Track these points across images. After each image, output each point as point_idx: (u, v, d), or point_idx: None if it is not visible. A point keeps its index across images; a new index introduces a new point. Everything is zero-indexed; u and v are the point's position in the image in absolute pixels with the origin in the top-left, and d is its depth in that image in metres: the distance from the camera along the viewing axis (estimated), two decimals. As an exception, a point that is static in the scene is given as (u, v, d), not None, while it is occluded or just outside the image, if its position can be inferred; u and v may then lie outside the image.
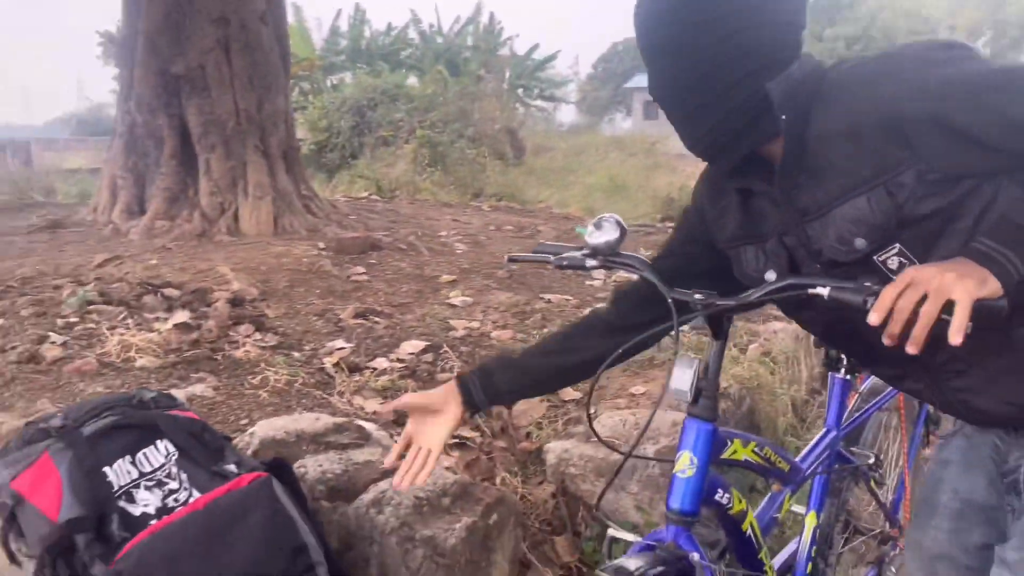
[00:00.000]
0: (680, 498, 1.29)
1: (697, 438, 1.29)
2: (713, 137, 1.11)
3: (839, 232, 1.09)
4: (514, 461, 2.67)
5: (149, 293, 3.55)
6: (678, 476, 1.30)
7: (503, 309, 3.98)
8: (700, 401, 1.29)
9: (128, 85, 5.33)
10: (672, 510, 1.29)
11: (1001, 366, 1.11)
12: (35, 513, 1.54)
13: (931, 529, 1.38)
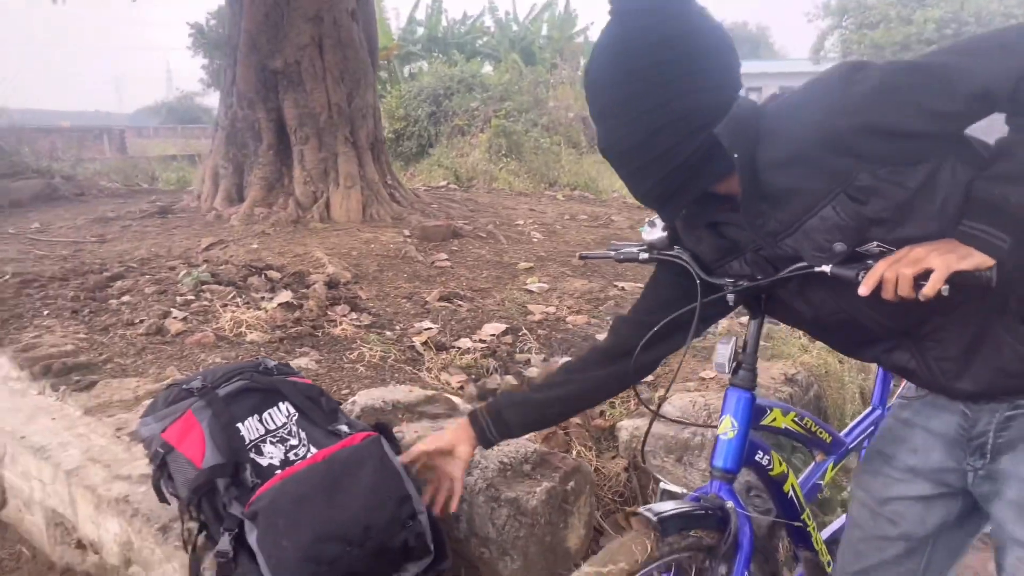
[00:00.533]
0: (722, 457, 1.44)
1: (737, 404, 1.45)
2: (658, 191, 1.25)
3: (815, 242, 1.21)
4: (588, 437, 2.85)
5: (254, 275, 3.87)
6: (720, 438, 1.46)
7: (578, 295, 4.15)
8: (739, 373, 1.46)
9: (230, 81, 5.70)
10: (715, 467, 1.44)
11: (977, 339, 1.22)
12: (183, 460, 1.81)
13: (883, 476, 1.48)
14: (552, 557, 2.15)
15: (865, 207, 1.14)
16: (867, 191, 1.13)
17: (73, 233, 5.15)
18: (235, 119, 5.69)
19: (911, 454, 1.44)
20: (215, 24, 38.52)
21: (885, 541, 1.49)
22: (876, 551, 1.50)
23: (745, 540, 1.41)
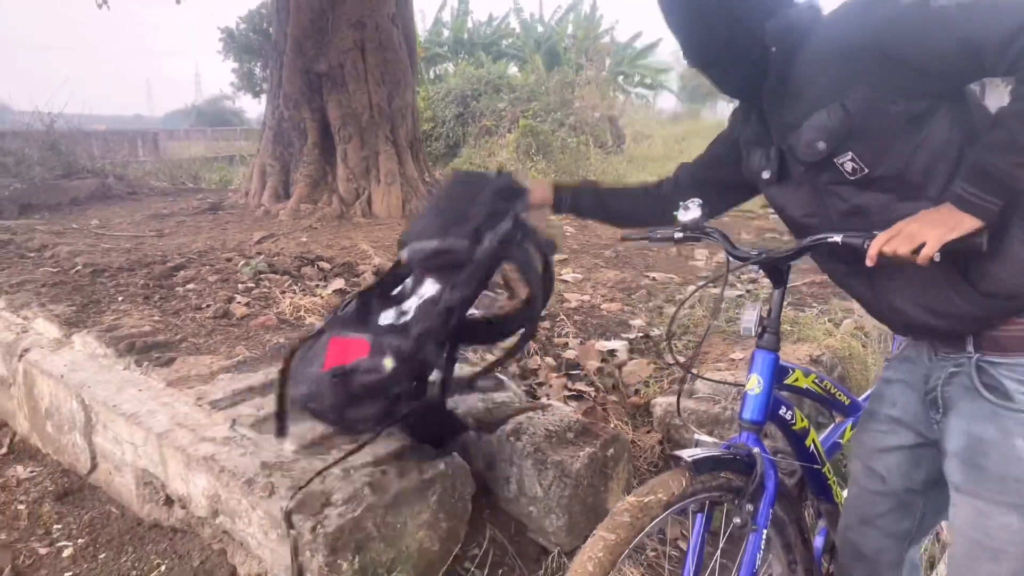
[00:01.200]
0: (750, 410, 1.61)
1: (763, 364, 1.61)
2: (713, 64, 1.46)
3: (807, 139, 1.37)
4: (624, 413, 3.05)
5: (306, 265, 4.12)
6: (748, 394, 1.62)
7: (611, 285, 4.35)
8: (764, 336, 1.62)
9: (276, 83, 5.98)
10: (744, 419, 1.62)
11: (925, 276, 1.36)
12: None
13: (871, 431, 1.67)
14: (593, 517, 2.32)
15: (852, 119, 1.31)
16: (857, 104, 1.30)
17: (132, 228, 5.45)
18: (281, 119, 5.96)
19: (892, 407, 1.63)
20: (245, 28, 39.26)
21: (877, 496, 1.66)
22: (870, 505, 1.68)
23: (770, 483, 1.57)
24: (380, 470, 2.14)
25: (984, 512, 1.40)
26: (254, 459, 2.21)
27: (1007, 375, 1.37)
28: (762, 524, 1.55)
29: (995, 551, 1.40)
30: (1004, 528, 1.38)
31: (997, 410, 1.38)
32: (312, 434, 2.32)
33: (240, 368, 2.86)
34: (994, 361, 1.39)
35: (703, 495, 1.55)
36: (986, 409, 1.39)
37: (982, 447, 1.39)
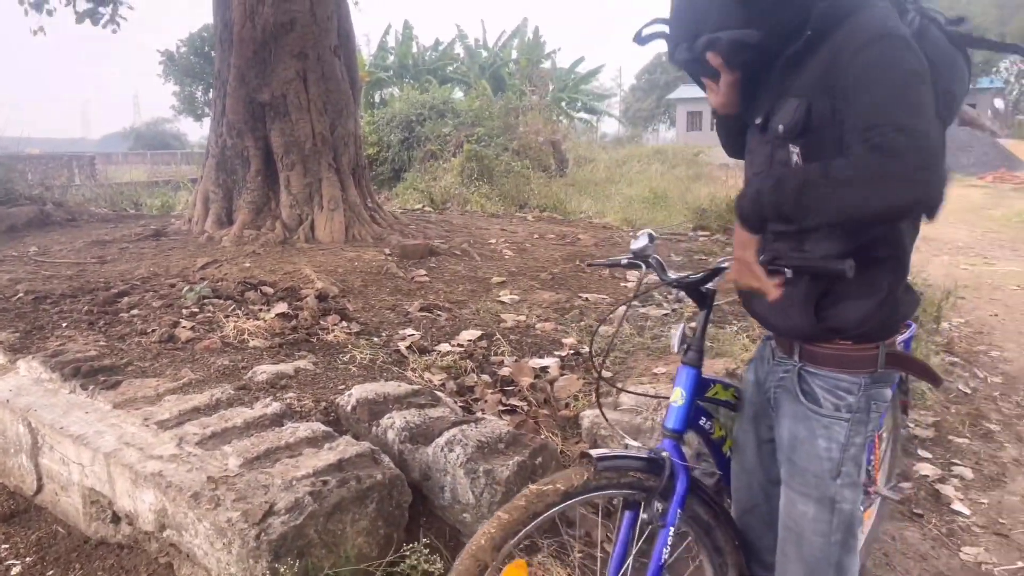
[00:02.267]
0: (671, 420, 1.80)
1: (685, 378, 1.80)
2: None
3: (781, 117, 1.50)
4: (555, 425, 3.24)
5: (250, 290, 4.23)
6: (672, 405, 1.81)
7: (546, 305, 4.56)
8: (689, 353, 1.81)
9: (220, 112, 6.08)
10: (665, 428, 1.81)
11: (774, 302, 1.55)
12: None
13: (739, 428, 1.93)
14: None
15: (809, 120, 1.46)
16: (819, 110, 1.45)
17: (74, 255, 5.47)
18: (224, 147, 6.06)
19: (750, 405, 1.87)
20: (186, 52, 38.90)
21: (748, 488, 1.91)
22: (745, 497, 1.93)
23: (680, 485, 1.73)
24: (321, 480, 2.28)
25: (793, 501, 1.65)
26: (200, 475, 2.34)
27: (819, 384, 1.60)
28: (670, 521, 1.72)
29: (799, 535, 1.64)
30: (803, 516, 1.63)
31: (808, 413, 1.61)
32: (256, 450, 2.46)
33: (186, 390, 2.98)
34: (811, 371, 1.61)
35: (608, 491, 1.73)
36: (801, 411, 1.62)
37: (795, 444, 1.63)
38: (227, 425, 2.66)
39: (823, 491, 1.60)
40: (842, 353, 1.57)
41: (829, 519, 1.61)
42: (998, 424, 4.26)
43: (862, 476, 1.64)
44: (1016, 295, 7.56)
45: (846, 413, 1.57)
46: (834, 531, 1.61)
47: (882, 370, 1.58)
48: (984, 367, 5.28)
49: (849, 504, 1.61)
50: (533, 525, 1.62)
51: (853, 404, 1.57)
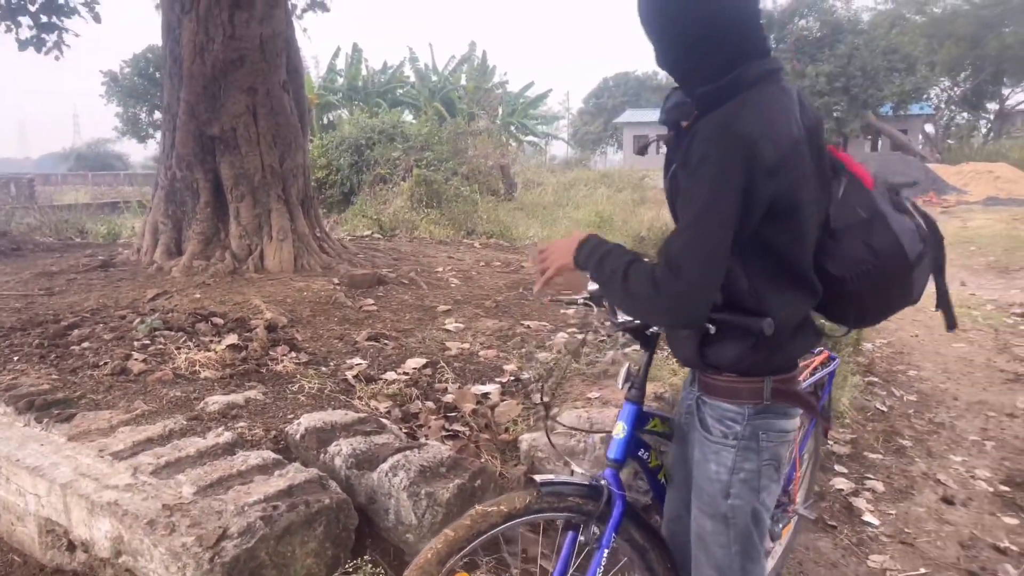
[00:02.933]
0: (612, 451, 1.99)
1: (627, 413, 1.99)
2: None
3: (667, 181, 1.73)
4: (495, 449, 3.43)
5: (200, 321, 4.35)
6: (614, 437, 2.00)
7: (489, 333, 4.76)
8: (631, 391, 2.00)
9: (170, 145, 6.18)
10: (608, 458, 1.99)
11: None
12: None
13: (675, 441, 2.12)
14: None
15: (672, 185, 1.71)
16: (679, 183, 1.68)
17: (21, 287, 5.49)
18: (174, 179, 6.15)
19: (679, 428, 2.09)
20: (130, 72, 38.49)
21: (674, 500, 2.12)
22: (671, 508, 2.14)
23: (615, 511, 1.91)
24: (272, 505, 2.44)
25: (697, 516, 1.87)
26: (155, 502, 2.48)
27: (709, 413, 1.81)
28: (604, 544, 1.89)
29: (705, 546, 1.85)
30: (704, 529, 1.84)
31: (703, 438, 1.82)
32: (209, 478, 2.61)
33: (139, 421, 3.10)
34: (705, 400, 1.83)
35: (549, 513, 1.90)
36: (698, 437, 1.84)
37: (697, 466, 1.85)
38: (180, 455, 2.80)
39: (716, 508, 1.81)
40: (730, 385, 1.76)
41: (726, 532, 1.81)
42: (910, 440, 4.58)
43: (761, 498, 1.80)
44: (936, 316, 7.90)
45: (732, 440, 1.77)
46: (732, 543, 1.81)
47: (768, 402, 1.75)
48: (901, 386, 5.63)
49: (743, 520, 1.79)
50: (478, 542, 1.78)
51: (739, 432, 1.76)
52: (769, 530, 2.74)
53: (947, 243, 1.91)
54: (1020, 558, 3.27)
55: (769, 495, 1.82)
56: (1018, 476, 4.05)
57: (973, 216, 17.96)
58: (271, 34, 6.09)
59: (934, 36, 41.34)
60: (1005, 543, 3.39)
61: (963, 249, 12.66)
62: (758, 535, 1.83)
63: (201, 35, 5.86)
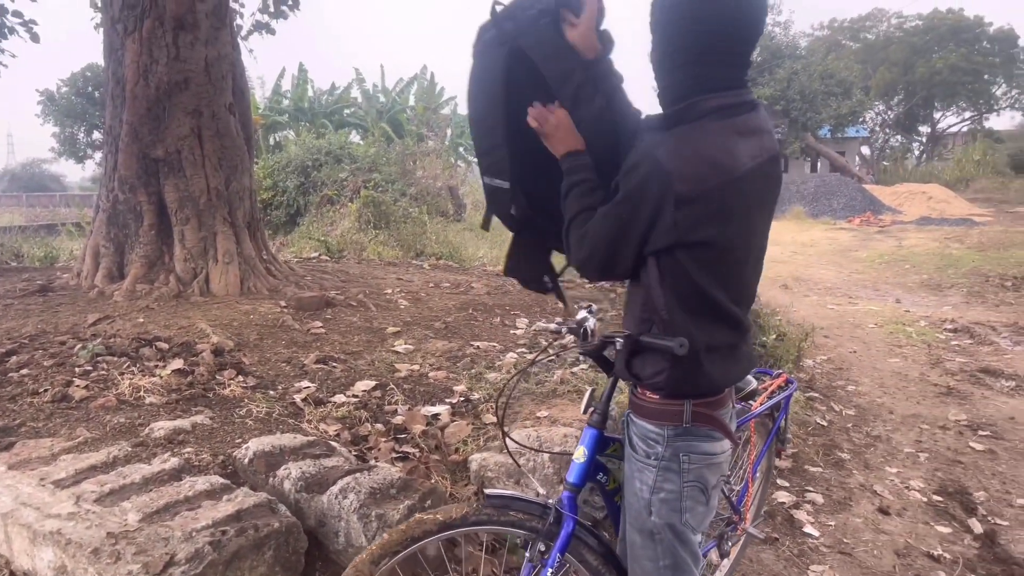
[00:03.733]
0: (572, 475, 2.03)
1: (588, 438, 2.03)
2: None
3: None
4: (445, 469, 3.45)
5: (144, 346, 4.29)
6: (575, 461, 2.04)
7: (439, 354, 4.79)
8: (593, 416, 2.04)
9: (112, 167, 6.07)
10: (567, 482, 2.03)
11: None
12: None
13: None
14: (415, 561, 2.71)
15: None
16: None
17: (-45, 313, 5.34)
18: (116, 202, 6.05)
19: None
20: (67, 92, 37.62)
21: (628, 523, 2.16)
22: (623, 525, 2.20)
23: (563, 532, 1.95)
24: (220, 530, 2.43)
25: (628, 530, 1.93)
26: (100, 531, 2.44)
27: (635, 431, 1.88)
28: (548, 563, 1.93)
29: (636, 558, 1.91)
30: (634, 543, 1.91)
31: (631, 456, 1.89)
32: (155, 504, 2.58)
33: (82, 449, 3.05)
34: (633, 419, 1.90)
35: (488, 526, 1.96)
36: (628, 453, 1.91)
37: (626, 481, 1.93)
38: (125, 482, 2.76)
39: (642, 524, 1.87)
40: (652, 406, 1.83)
41: (653, 547, 1.86)
42: (849, 453, 4.74)
43: (683, 519, 1.84)
44: (874, 332, 8.28)
45: (654, 460, 1.83)
46: (660, 557, 1.86)
47: (688, 425, 1.80)
48: (840, 401, 5.82)
49: (667, 537, 1.84)
50: (414, 547, 1.86)
51: (660, 453, 1.82)
52: (718, 547, 2.83)
53: (883, 262, 2.02)
54: (953, 566, 3.40)
55: (694, 516, 1.86)
56: (950, 486, 4.22)
57: (907, 235, 18.62)
58: (216, 56, 6.06)
59: (868, 62, 42.98)
60: (938, 551, 3.53)
61: (898, 268, 13.13)
62: (686, 552, 1.87)
63: (145, 57, 5.80)
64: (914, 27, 44.12)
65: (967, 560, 3.44)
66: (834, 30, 46.97)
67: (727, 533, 2.89)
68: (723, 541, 2.88)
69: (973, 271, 12.09)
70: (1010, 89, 44.16)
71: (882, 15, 46.28)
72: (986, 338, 7.84)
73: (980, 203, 25.46)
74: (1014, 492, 4.14)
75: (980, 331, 8.11)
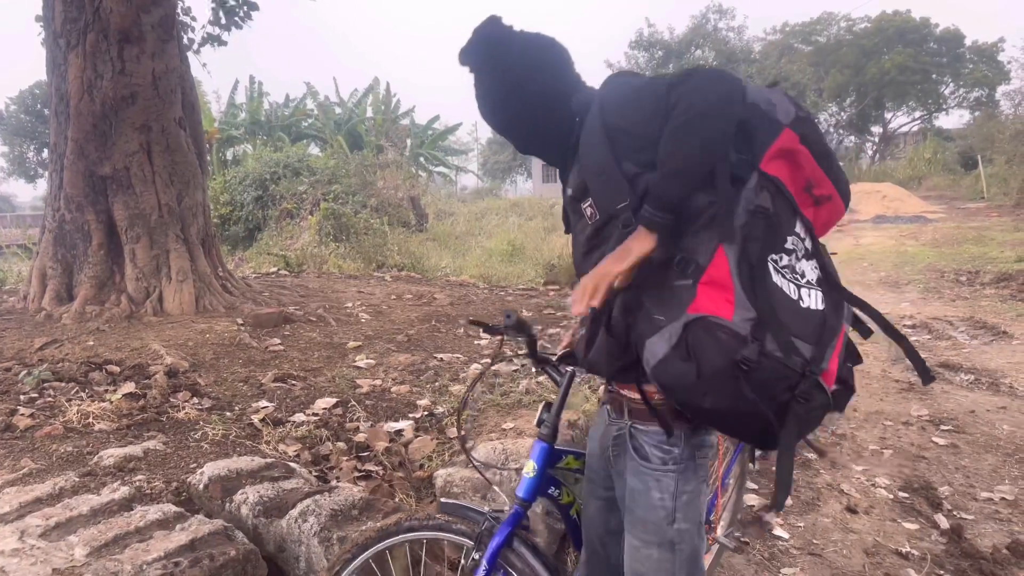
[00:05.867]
0: (521, 489, 1.98)
1: (537, 452, 1.99)
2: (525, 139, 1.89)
3: (569, 184, 1.80)
4: (410, 487, 3.37)
5: (94, 370, 4.14)
6: (525, 476, 1.99)
7: (402, 368, 4.70)
8: (543, 429, 2.00)
9: (57, 186, 5.89)
10: (517, 496, 1.99)
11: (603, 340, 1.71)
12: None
13: (587, 480, 2.11)
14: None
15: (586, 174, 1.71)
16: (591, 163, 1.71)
17: None
18: (63, 221, 5.86)
19: (590, 467, 2.07)
20: (16, 110, 36.86)
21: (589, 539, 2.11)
22: (588, 547, 2.12)
23: (493, 543, 1.91)
24: (173, 562, 2.32)
25: (636, 547, 1.81)
26: (45, 567, 2.32)
27: (646, 440, 1.77)
28: (478, 572, 1.90)
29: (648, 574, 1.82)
30: (648, 559, 1.79)
31: (641, 468, 1.77)
32: (104, 537, 2.46)
33: (27, 480, 2.91)
34: (639, 428, 1.79)
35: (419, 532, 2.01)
36: (634, 467, 1.79)
37: (634, 496, 1.80)
38: (72, 514, 2.64)
39: (663, 536, 1.76)
40: (665, 406, 1.72)
41: (672, 559, 1.76)
42: (815, 453, 4.74)
43: (701, 516, 1.79)
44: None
45: (673, 465, 1.73)
46: (678, 570, 1.77)
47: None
48: (804, 400, 5.84)
49: (688, 544, 1.76)
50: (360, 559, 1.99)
51: (678, 455, 1.73)
52: None
53: (842, 261, 1.98)
54: (921, 562, 3.41)
55: (705, 511, 1.85)
56: (915, 482, 4.24)
57: (864, 234, 18.92)
58: (164, 70, 5.91)
59: (820, 64, 43.75)
60: (907, 548, 3.53)
61: (856, 266, 13.31)
62: (699, 557, 1.82)
63: (89, 71, 5.64)
64: (863, 29, 45.00)
65: (935, 556, 3.45)
66: (786, 34, 47.75)
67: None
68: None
69: (929, 267, 12.31)
70: (957, 88, 45.21)
71: (832, 18, 47.15)
72: (944, 333, 7.96)
73: (933, 200, 25.97)
74: (978, 486, 4.17)
75: (938, 326, 8.24)
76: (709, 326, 1.48)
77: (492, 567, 1.91)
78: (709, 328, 1.47)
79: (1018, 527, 3.69)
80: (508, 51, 1.79)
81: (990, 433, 4.92)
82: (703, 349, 1.47)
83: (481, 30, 1.80)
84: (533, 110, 1.82)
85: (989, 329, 7.98)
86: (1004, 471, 4.34)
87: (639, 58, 40.23)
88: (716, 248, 1.52)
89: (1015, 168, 23.81)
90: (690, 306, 1.50)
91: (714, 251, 1.52)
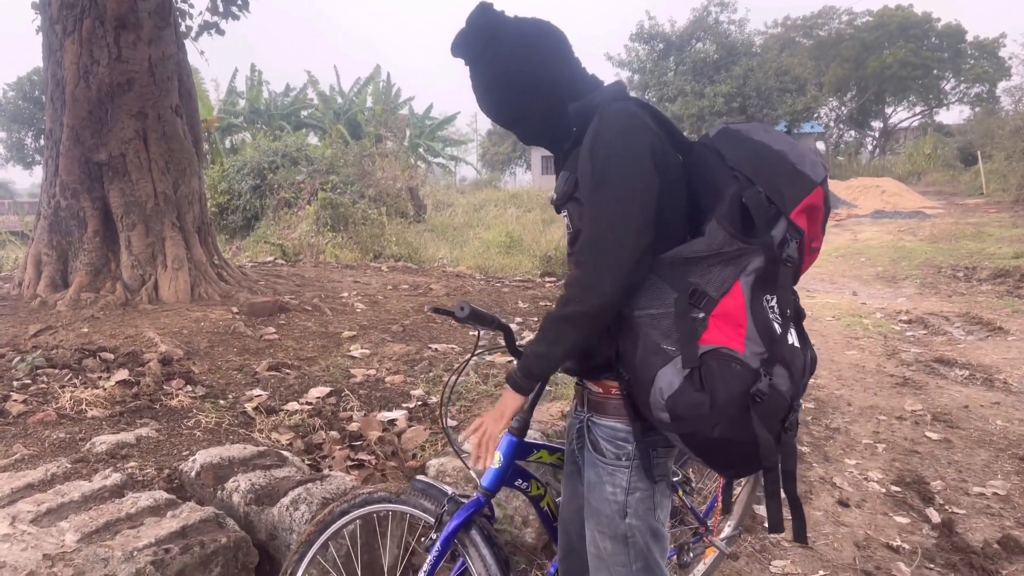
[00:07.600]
0: (486, 480, 1.98)
1: (505, 445, 1.98)
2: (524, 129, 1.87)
3: (556, 188, 1.78)
4: (402, 476, 3.38)
5: (88, 357, 4.13)
6: (492, 467, 1.99)
7: (396, 358, 4.70)
8: (512, 422, 1.97)
9: (53, 172, 5.86)
10: (481, 485, 1.99)
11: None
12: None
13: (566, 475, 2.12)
14: (369, 573, 2.63)
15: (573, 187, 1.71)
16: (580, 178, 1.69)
17: None
18: (58, 208, 5.84)
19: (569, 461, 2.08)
20: (14, 96, 36.68)
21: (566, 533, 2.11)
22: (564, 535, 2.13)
23: (450, 525, 1.93)
24: (164, 549, 2.32)
25: (595, 537, 1.83)
26: (36, 552, 2.32)
27: (600, 434, 1.78)
28: (431, 550, 1.93)
29: (606, 567, 1.83)
30: (604, 550, 1.81)
31: (597, 460, 1.79)
32: (95, 523, 2.46)
33: (19, 466, 2.91)
34: (595, 421, 1.80)
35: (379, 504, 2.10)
36: (591, 459, 1.81)
37: (590, 488, 1.82)
38: (63, 500, 2.64)
39: (615, 529, 1.77)
40: (618, 402, 1.74)
41: (626, 551, 1.78)
42: (808, 446, 4.75)
43: (657, 514, 1.79)
44: (831, 325, 8.36)
45: (626, 461, 1.74)
46: (633, 561, 1.78)
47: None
48: (799, 394, 5.84)
49: (642, 538, 1.77)
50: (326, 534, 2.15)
51: (631, 452, 1.73)
52: (678, 556, 2.79)
53: (840, 255, 1.98)
54: (912, 556, 3.42)
55: (663, 511, 1.82)
56: (908, 476, 4.25)
57: (863, 228, 18.92)
58: (161, 56, 5.88)
59: (821, 58, 43.69)
60: (898, 542, 3.54)
61: (854, 260, 13.31)
62: (658, 552, 1.82)
63: (85, 57, 5.61)
64: (864, 24, 44.92)
65: (926, 550, 3.46)
66: (787, 28, 47.68)
67: (689, 544, 2.86)
68: (683, 552, 2.85)
69: (926, 263, 12.31)
70: (958, 83, 45.17)
71: (833, 12, 47.06)
72: (940, 328, 7.97)
73: (932, 196, 25.96)
74: (970, 480, 4.18)
75: (934, 322, 8.25)
76: (723, 358, 1.50)
77: (446, 548, 1.94)
78: (723, 360, 1.50)
79: (1009, 522, 3.69)
80: (501, 41, 1.77)
81: (983, 428, 4.93)
82: (717, 380, 1.49)
83: (473, 19, 1.78)
84: (531, 101, 1.79)
85: (985, 325, 7.99)
86: (996, 466, 4.35)
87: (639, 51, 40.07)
88: (733, 284, 1.55)
89: (1014, 164, 23.79)
90: (702, 338, 1.53)
91: (730, 287, 1.55)
